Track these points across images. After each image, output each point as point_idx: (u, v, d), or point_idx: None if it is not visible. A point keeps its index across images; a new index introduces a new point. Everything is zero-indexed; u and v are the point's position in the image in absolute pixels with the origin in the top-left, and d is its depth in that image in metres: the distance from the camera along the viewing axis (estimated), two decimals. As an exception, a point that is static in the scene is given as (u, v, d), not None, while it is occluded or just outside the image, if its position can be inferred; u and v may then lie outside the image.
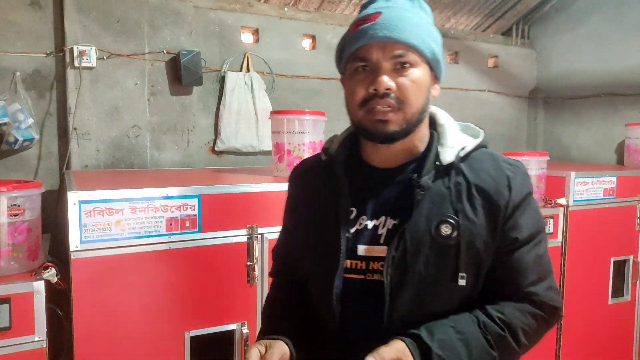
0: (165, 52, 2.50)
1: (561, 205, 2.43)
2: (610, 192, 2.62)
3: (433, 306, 0.94)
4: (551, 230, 2.40)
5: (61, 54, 2.34)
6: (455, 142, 0.98)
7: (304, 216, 1.08)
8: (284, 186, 1.85)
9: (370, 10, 0.94)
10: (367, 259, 0.97)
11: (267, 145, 2.78)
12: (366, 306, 0.96)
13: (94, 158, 2.39)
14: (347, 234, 0.98)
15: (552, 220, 2.40)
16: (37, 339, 1.55)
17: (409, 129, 0.94)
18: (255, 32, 2.90)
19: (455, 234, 0.91)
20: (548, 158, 2.46)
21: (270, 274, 1.24)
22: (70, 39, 2.31)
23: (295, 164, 2.02)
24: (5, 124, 2.16)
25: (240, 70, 2.80)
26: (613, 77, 3.43)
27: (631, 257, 2.72)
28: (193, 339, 1.73)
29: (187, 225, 1.70)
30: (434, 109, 1.04)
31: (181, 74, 2.45)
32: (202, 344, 1.80)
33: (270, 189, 1.84)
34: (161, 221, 1.66)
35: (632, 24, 3.32)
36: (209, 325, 1.76)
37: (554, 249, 2.43)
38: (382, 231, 0.97)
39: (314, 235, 1.03)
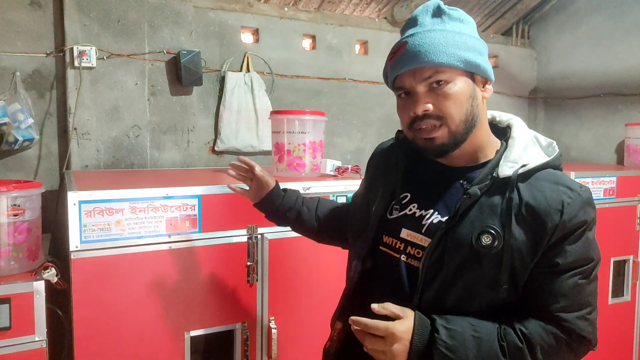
0: (165, 52, 2.50)
1: (561, 205, 2.43)
2: (610, 192, 2.62)
3: (460, 307, 0.98)
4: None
5: (61, 54, 2.34)
6: (520, 158, 0.99)
7: (367, 187, 1.22)
8: (283, 186, 1.86)
9: (400, 41, 1.02)
10: (406, 242, 1.04)
11: (267, 145, 2.78)
12: (394, 283, 1.04)
13: (94, 158, 2.39)
14: (388, 212, 1.10)
15: (552, 220, 2.39)
16: (37, 339, 1.55)
17: (457, 140, 0.99)
18: (255, 32, 2.90)
19: (495, 244, 0.94)
20: (548, 158, 2.46)
21: None
22: (70, 38, 2.31)
23: (295, 164, 2.03)
24: (5, 124, 2.16)
25: (240, 70, 2.80)
26: (613, 77, 3.43)
27: (631, 257, 2.71)
28: (193, 339, 1.74)
29: (187, 225, 1.70)
30: (514, 120, 1.09)
31: (181, 74, 2.45)
32: (202, 344, 1.80)
33: (270, 189, 1.84)
34: (161, 221, 1.66)
35: (632, 24, 3.32)
36: (209, 325, 1.76)
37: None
38: (425, 222, 1.03)
39: (367, 205, 1.16)
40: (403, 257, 1.04)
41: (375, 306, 0.96)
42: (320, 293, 1.90)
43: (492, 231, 0.94)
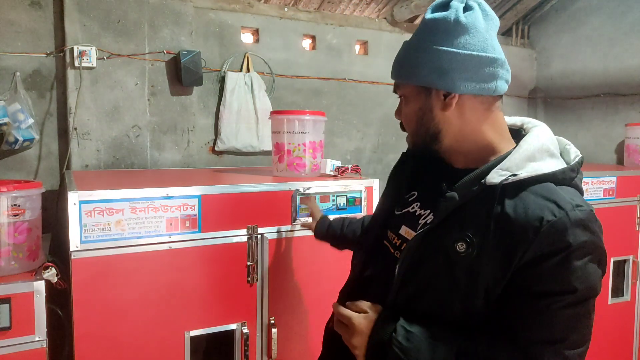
0: (165, 52, 2.50)
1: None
2: (610, 192, 2.62)
3: (432, 314, 0.95)
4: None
5: (61, 54, 2.34)
6: (518, 167, 0.92)
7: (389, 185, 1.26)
8: (284, 186, 1.86)
9: None
10: (403, 239, 1.07)
11: (267, 145, 2.78)
12: (387, 277, 1.06)
13: (94, 158, 2.39)
14: (395, 209, 1.13)
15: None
16: (37, 339, 1.55)
17: (419, 148, 1.06)
18: (255, 32, 2.90)
19: (469, 253, 0.89)
20: (548, 158, 2.46)
21: None
22: (70, 39, 2.31)
23: (295, 164, 2.03)
24: (5, 124, 2.16)
25: (240, 70, 2.80)
26: (613, 77, 3.43)
27: (631, 257, 2.72)
28: (193, 339, 1.74)
29: (187, 225, 1.70)
30: (534, 129, 1.03)
31: (181, 74, 2.45)
32: (202, 344, 1.80)
33: (270, 189, 1.85)
34: (161, 221, 1.66)
35: (632, 24, 3.32)
36: (209, 325, 1.76)
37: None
38: (422, 222, 1.05)
39: (379, 205, 1.24)
40: (397, 253, 1.07)
41: (348, 303, 1.02)
42: (320, 293, 1.90)
43: (468, 239, 0.89)
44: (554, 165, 0.94)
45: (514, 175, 0.90)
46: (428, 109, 1.00)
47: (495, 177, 0.91)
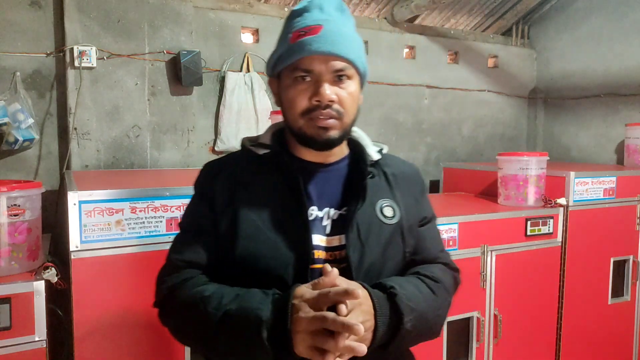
0: (165, 52, 2.50)
1: (561, 205, 2.43)
2: (610, 192, 2.62)
3: (390, 274, 1.04)
4: (551, 230, 2.40)
5: (61, 54, 2.34)
6: (371, 144, 1.11)
7: (238, 213, 0.98)
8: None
9: (309, 21, 0.96)
10: (327, 248, 0.99)
11: (267, 145, 2.78)
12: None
13: (94, 158, 2.39)
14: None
15: (552, 220, 2.39)
16: (37, 339, 1.55)
17: (344, 136, 1.01)
18: (255, 32, 2.90)
19: (395, 214, 1.05)
20: (548, 158, 2.46)
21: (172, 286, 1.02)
22: (70, 39, 2.31)
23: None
24: (5, 124, 2.16)
25: (240, 70, 2.80)
26: (613, 77, 3.43)
27: (631, 257, 2.72)
28: (193, 339, 1.73)
29: (187, 225, 1.70)
30: None
31: (181, 74, 2.45)
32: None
33: (270, 189, 1.84)
34: (161, 221, 1.66)
35: (632, 24, 3.32)
36: (209, 325, 1.76)
37: (554, 249, 2.43)
38: (326, 222, 1.01)
39: (266, 229, 0.97)
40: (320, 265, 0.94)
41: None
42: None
43: (391, 203, 1.05)
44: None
45: (381, 150, 1.11)
46: (359, 97, 1.02)
47: (374, 154, 1.08)
